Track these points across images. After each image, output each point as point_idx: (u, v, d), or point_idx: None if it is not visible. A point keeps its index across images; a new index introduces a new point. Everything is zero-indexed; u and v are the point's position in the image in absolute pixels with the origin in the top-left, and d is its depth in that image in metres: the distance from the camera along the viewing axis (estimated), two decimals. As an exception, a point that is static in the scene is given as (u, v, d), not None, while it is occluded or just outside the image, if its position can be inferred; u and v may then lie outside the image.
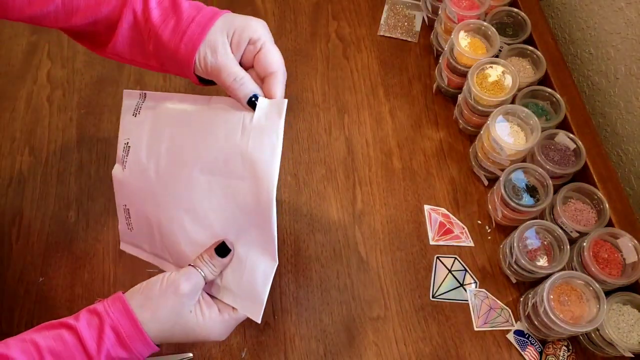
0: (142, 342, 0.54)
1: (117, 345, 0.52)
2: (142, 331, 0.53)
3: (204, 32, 0.56)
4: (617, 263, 0.72)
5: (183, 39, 0.57)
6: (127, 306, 0.54)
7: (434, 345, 0.76)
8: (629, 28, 0.84)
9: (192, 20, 0.57)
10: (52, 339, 0.51)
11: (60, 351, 0.51)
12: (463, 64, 0.86)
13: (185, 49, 0.57)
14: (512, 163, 0.79)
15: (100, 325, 0.52)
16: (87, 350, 0.51)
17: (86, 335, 0.51)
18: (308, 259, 0.82)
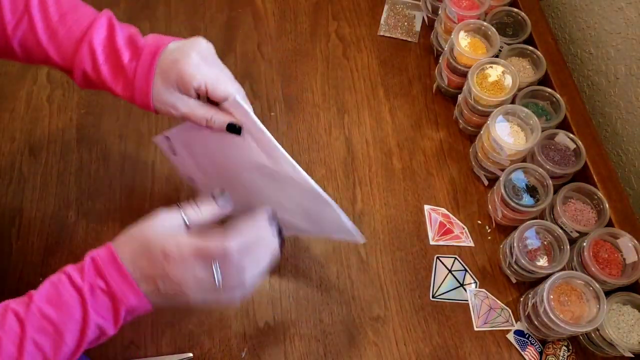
0: (116, 269, 0.52)
1: (95, 272, 0.51)
2: (114, 256, 0.52)
3: (147, 98, 0.58)
4: (617, 263, 0.72)
5: (134, 96, 0.59)
6: (107, 244, 0.54)
7: (434, 345, 0.76)
8: (629, 28, 0.84)
9: (134, 76, 0.58)
10: (42, 284, 0.52)
11: (50, 290, 0.51)
12: (463, 64, 0.86)
13: (141, 104, 0.59)
14: (512, 163, 0.79)
15: (82, 261, 0.53)
16: (73, 281, 0.51)
17: (71, 270, 0.52)
18: (308, 259, 0.82)
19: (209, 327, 0.76)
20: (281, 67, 1.00)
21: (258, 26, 1.04)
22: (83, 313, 0.50)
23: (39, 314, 0.50)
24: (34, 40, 0.59)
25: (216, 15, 1.06)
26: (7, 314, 0.50)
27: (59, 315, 0.50)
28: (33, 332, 0.49)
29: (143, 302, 0.53)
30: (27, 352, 0.49)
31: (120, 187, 0.87)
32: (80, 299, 0.50)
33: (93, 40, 0.59)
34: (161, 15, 1.05)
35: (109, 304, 0.52)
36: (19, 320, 0.49)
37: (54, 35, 0.59)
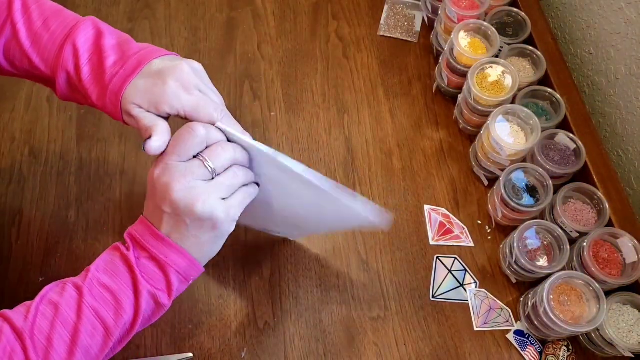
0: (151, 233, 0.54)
1: (135, 246, 0.54)
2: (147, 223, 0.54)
3: (117, 107, 0.56)
4: (617, 263, 0.72)
5: (105, 110, 0.58)
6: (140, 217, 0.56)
7: (434, 345, 0.76)
8: (629, 28, 0.84)
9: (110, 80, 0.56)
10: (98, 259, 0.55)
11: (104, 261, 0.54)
12: (463, 64, 0.86)
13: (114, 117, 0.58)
14: (512, 163, 0.79)
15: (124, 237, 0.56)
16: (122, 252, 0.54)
17: (119, 244, 0.55)
18: (308, 259, 0.82)
19: (209, 327, 0.76)
20: (281, 67, 1.00)
21: (258, 26, 1.04)
22: (133, 280, 0.53)
23: (96, 282, 0.52)
24: (18, 46, 0.58)
25: (216, 15, 1.06)
26: (66, 286, 0.53)
27: (115, 283, 0.52)
28: (91, 299, 0.51)
29: (188, 259, 0.54)
30: (85, 317, 0.51)
31: (120, 187, 0.87)
32: (128, 267, 0.53)
33: (77, 41, 0.57)
34: (161, 15, 1.05)
35: (157, 270, 0.54)
36: (77, 289, 0.52)
37: (38, 39, 0.58)
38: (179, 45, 1.02)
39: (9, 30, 0.58)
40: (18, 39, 0.58)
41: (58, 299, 0.51)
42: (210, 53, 1.01)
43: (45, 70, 0.59)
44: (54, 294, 0.52)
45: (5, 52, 0.59)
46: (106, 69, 0.56)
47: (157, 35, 1.03)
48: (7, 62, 0.60)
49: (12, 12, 0.58)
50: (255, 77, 0.98)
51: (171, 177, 0.52)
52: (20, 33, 0.58)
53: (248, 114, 0.94)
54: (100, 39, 0.58)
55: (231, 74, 0.98)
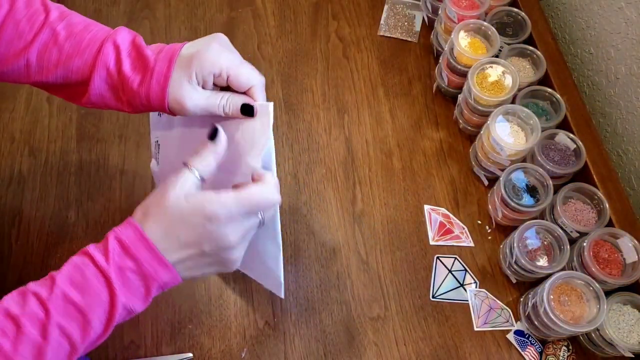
0: (147, 247, 0.51)
1: (122, 253, 0.51)
2: (143, 235, 0.51)
3: (165, 86, 0.57)
4: (617, 263, 0.72)
5: (150, 94, 0.58)
6: (130, 219, 0.53)
7: (434, 345, 0.76)
8: (629, 28, 0.84)
9: (152, 71, 0.58)
10: (65, 266, 0.51)
11: (74, 273, 0.50)
12: (463, 64, 0.86)
13: (155, 102, 0.58)
14: (512, 163, 0.79)
15: (105, 241, 0.51)
16: (97, 264, 0.50)
17: (94, 252, 0.50)
18: (308, 259, 0.82)
19: (209, 327, 0.76)
20: (281, 67, 1.00)
21: (258, 26, 1.04)
22: (110, 296, 0.49)
23: (63, 298, 0.48)
24: (56, 49, 0.59)
25: (216, 15, 1.06)
26: (28, 297, 0.49)
27: (84, 299, 0.49)
28: (58, 317, 0.48)
29: (174, 277, 0.53)
30: (52, 338, 0.47)
31: (120, 187, 0.87)
32: (106, 282, 0.49)
33: (117, 39, 0.59)
34: (161, 15, 1.05)
35: (139, 283, 0.51)
36: (41, 304, 0.48)
37: (79, 41, 0.60)
38: (178, 45, 1.02)
39: (47, 35, 0.59)
40: (57, 42, 0.59)
41: (19, 314, 0.47)
42: (210, 53, 1.01)
43: (83, 70, 0.59)
44: (14, 306, 0.48)
45: (39, 57, 0.60)
46: (148, 56, 0.58)
47: (157, 35, 1.03)
48: (39, 67, 0.61)
49: (49, 19, 0.60)
50: (255, 77, 0.98)
51: (234, 232, 0.53)
52: (59, 36, 0.59)
53: (248, 114, 0.94)
54: (137, 37, 0.61)
55: (231, 74, 0.98)
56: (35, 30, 0.59)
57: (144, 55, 0.59)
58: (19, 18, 0.59)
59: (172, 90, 0.57)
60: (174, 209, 0.52)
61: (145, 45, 0.60)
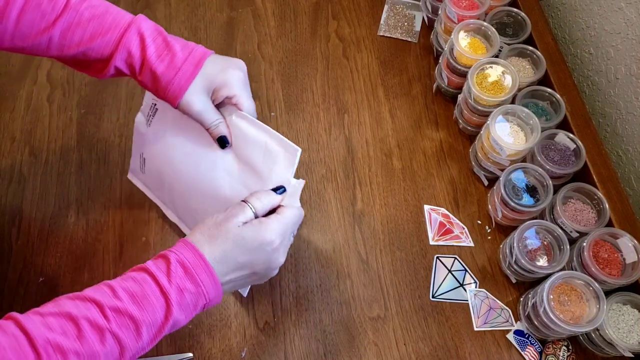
0: (206, 271, 0.56)
1: (185, 276, 0.55)
2: (204, 259, 0.56)
3: (186, 85, 0.64)
4: (617, 263, 0.72)
5: (174, 78, 0.64)
6: (187, 241, 0.57)
7: (434, 345, 0.76)
8: (629, 28, 0.84)
9: (179, 70, 0.64)
10: (123, 280, 0.54)
11: (134, 288, 0.53)
12: (463, 64, 0.86)
13: (172, 94, 0.65)
14: (512, 163, 0.79)
15: (166, 262, 0.55)
16: (159, 283, 0.53)
17: (156, 271, 0.54)
18: (308, 259, 0.82)
19: (209, 327, 0.76)
20: (281, 67, 1.00)
21: (258, 26, 1.05)
22: (166, 314, 0.53)
23: (123, 311, 0.51)
24: (79, 29, 0.63)
25: (216, 15, 1.06)
26: (88, 304, 0.51)
27: (141, 314, 0.52)
28: (115, 326, 0.51)
29: (219, 295, 0.58)
30: (107, 344, 0.50)
31: (120, 187, 0.87)
32: (165, 302, 0.53)
33: (141, 26, 0.65)
34: (161, 15, 1.05)
35: (193, 303, 0.56)
36: (102, 312, 0.51)
37: (102, 22, 0.64)
38: (179, 45, 1.02)
39: (71, 16, 0.63)
40: (81, 23, 0.63)
41: (79, 317, 0.50)
42: (210, 53, 1.01)
43: (104, 50, 0.64)
44: (75, 310, 0.51)
45: (62, 36, 0.63)
46: (176, 51, 0.65)
47: (157, 35, 1.03)
48: (60, 46, 0.64)
49: (70, 4, 0.63)
50: (255, 77, 0.98)
51: (283, 253, 0.62)
52: (83, 17, 0.63)
53: (248, 114, 0.94)
54: (161, 29, 0.66)
55: (231, 74, 0.98)
56: (58, 11, 0.63)
57: (173, 49, 0.65)
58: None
59: (188, 92, 0.65)
60: (235, 235, 0.58)
61: (171, 37, 0.66)
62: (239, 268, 0.58)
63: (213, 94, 0.67)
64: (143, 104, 0.76)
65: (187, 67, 0.64)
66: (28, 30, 0.63)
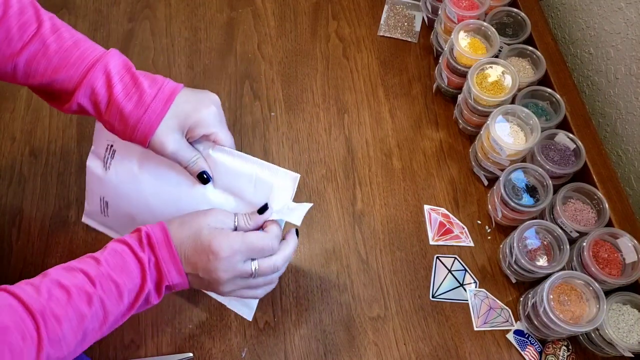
0: (167, 248, 0.59)
1: (149, 248, 0.58)
2: (168, 235, 0.59)
3: (156, 122, 0.62)
4: (617, 263, 0.72)
5: (139, 126, 0.62)
6: (161, 222, 0.61)
7: (434, 345, 0.76)
8: (629, 28, 0.84)
9: (147, 107, 0.62)
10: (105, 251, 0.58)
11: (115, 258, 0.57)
12: (463, 64, 0.86)
13: (141, 133, 0.63)
14: (512, 163, 0.79)
15: (138, 233, 0.59)
16: (134, 252, 0.58)
17: (131, 241, 0.58)
18: (308, 259, 0.82)
19: (209, 327, 0.76)
20: (281, 67, 1.00)
21: (258, 26, 1.05)
22: (142, 280, 0.57)
23: (107, 277, 0.56)
24: (44, 60, 0.62)
25: (216, 15, 1.06)
26: (76, 273, 0.55)
27: (123, 280, 0.56)
28: (101, 292, 0.55)
29: (184, 281, 0.60)
30: (94, 307, 0.54)
31: (121, 187, 0.87)
32: (140, 267, 0.57)
33: (109, 64, 0.62)
34: (161, 15, 1.05)
35: (155, 278, 0.59)
36: (89, 280, 0.55)
37: (68, 56, 0.62)
38: (179, 45, 1.02)
39: (37, 46, 0.62)
40: (47, 54, 0.62)
41: (69, 285, 0.54)
42: (211, 53, 1.01)
43: (68, 85, 0.62)
44: (64, 279, 0.54)
45: (27, 65, 0.62)
46: (144, 89, 0.62)
47: (158, 35, 1.03)
48: (25, 74, 0.63)
49: (42, 30, 0.62)
50: (255, 77, 0.98)
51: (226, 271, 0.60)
52: (50, 49, 0.62)
53: (248, 114, 0.94)
54: (130, 66, 0.64)
55: (231, 74, 0.99)
56: (25, 40, 0.62)
57: (141, 86, 0.63)
58: (11, 25, 0.62)
59: (159, 131, 0.63)
60: (197, 228, 0.60)
61: (139, 74, 0.64)
62: (188, 263, 0.60)
63: (187, 133, 0.64)
64: (93, 146, 0.72)
65: (156, 104, 0.62)
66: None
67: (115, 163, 0.70)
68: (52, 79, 0.62)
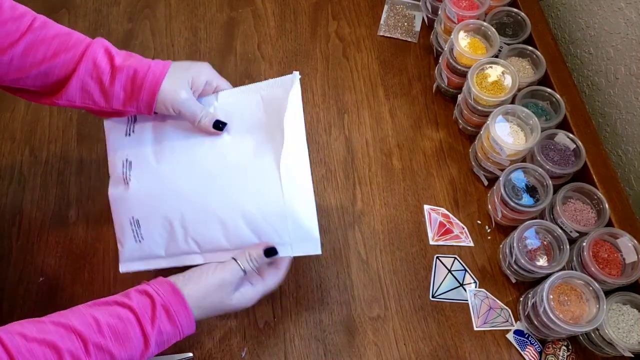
0: (186, 317, 0.59)
1: (167, 321, 0.58)
2: (187, 307, 0.59)
3: (162, 74, 0.65)
4: (617, 263, 0.72)
5: (146, 78, 0.65)
6: (174, 286, 0.60)
7: (434, 345, 0.76)
8: (628, 28, 0.84)
9: (149, 66, 0.65)
10: (109, 315, 0.56)
11: (118, 327, 0.55)
12: (463, 64, 0.86)
13: (149, 87, 0.65)
14: (512, 163, 0.79)
15: (152, 305, 0.58)
16: (143, 327, 0.56)
17: (142, 315, 0.57)
18: (308, 259, 0.82)
19: (209, 327, 0.76)
20: (281, 67, 1.00)
21: (258, 26, 1.05)
22: (142, 352, 0.57)
23: (105, 349, 0.54)
24: (44, 45, 0.63)
25: (216, 15, 1.06)
26: (72, 336, 0.53)
27: (121, 353, 0.55)
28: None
29: (192, 332, 0.61)
30: None
31: (121, 187, 0.87)
32: (144, 343, 0.57)
33: (104, 42, 0.66)
34: (161, 15, 1.05)
35: (168, 341, 0.59)
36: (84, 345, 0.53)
37: (66, 40, 0.64)
38: (179, 45, 1.02)
39: (35, 34, 0.63)
40: (45, 40, 0.63)
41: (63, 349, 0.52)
42: (211, 53, 1.01)
43: (68, 65, 0.64)
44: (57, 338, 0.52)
45: (25, 53, 0.63)
46: (140, 57, 0.66)
47: (158, 35, 1.03)
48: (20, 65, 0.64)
49: (36, 23, 0.64)
50: (255, 77, 0.98)
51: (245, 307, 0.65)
52: (48, 35, 0.64)
53: (248, 114, 0.94)
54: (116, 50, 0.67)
55: (231, 74, 0.99)
56: (22, 30, 0.63)
57: (137, 55, 0.67)
58: (6, 18, 0.62)
59: (166, 83, 0.65)
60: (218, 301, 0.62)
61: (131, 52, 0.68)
62: (208, 313, 0.63)
63: (192, 85, 0.67)
64: (110, 174, 0.73)
65: (156, 63, 0.66)
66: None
67: (134, 171, 0.71)
68: (52, 64, 0.64)
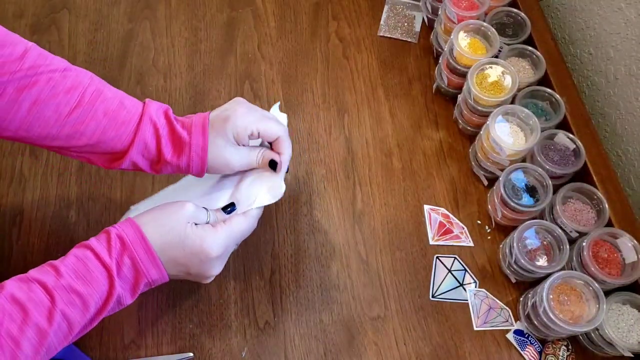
0: (145, 249, 0.58)
1: (123, 251, 0.57)
2: (144, 238, 0.58)
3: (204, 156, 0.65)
4: (617, 263, 0.72)
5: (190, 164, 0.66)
6: (132, 220, 0.60)
7: (434, 345, 0.76)
8: (628, 28, 0.84)
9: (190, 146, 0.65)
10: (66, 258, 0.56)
11: (77, 265, 0.55)
12: (463, 64, 0.86)
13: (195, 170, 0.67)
14: (512, 163, 0.79)
15: (107, 236, 0.58)
16: (100, 257, 0.56)
17: (97, 246, 0.57)
18: (308, 259, 0.82)
19: (209, 327, 0.76)
20: (281, 67, 1.00)
21: (258, 26, 1.05)
22: (109, 288, 0.56)
23: (68, 288, 0.54)
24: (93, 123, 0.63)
25: (216, 15, 1.06)
26: (32, 285, 0.53)
27: (87, 290, 0.54)
28: (62, 304, 0.53)
29: (163, 276, 0.60)
30: (55, 322, 0.52)
31: (121, 187, 0.87)
32: (108, 276, 0.56)
33: (152, 116, 0.65)
34: (161, 15, 1.05)
35: (131, 279, 0.58)
36: (47, 293, 0.53)
37: (115, 116, 0.64)
38: (179, 45, 1.02)
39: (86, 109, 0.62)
40: (95, 117, 0.63)
41: (25, 300, 0.51)
42: (211, 53, 1.01)
43: (117, 143, 0.64)
44: (19, 293, 0.52)
45: (74, 128, 0.62)
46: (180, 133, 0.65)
47: (158, 35, 1.03)
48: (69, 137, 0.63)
49: (87, 94, 0.63)
50: (255, 77, 0.98)
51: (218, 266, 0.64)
52: (98, 111, 0.63)
53: (248, 114, 0.94)
54: (168, 111, 0.67)
55: (231, 74, 0.99)
56: (73, 105, 0.62)
57: (177, 133, 0.65)
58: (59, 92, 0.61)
59: (212, 155, 0.66)
60: (181, 234, 0.60)
61: (175, 119, 0.67)
62: (176, 264, 0.61)
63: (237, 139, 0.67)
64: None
65: (195, 139, 0.65)
66: (37, 122, 0.61)
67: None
68: (100, 140, 0.63)
